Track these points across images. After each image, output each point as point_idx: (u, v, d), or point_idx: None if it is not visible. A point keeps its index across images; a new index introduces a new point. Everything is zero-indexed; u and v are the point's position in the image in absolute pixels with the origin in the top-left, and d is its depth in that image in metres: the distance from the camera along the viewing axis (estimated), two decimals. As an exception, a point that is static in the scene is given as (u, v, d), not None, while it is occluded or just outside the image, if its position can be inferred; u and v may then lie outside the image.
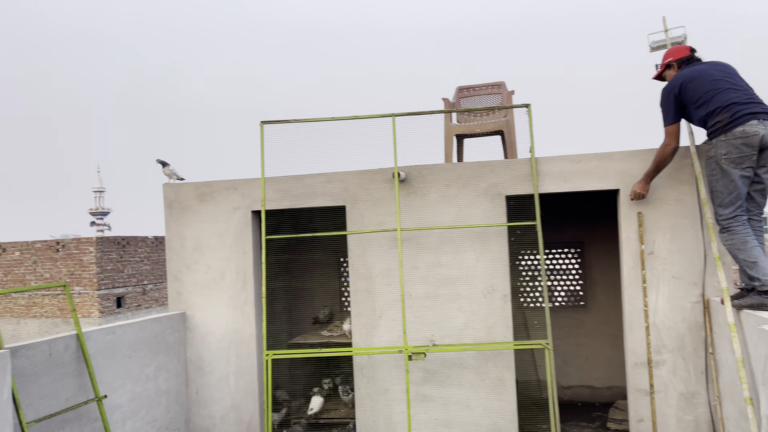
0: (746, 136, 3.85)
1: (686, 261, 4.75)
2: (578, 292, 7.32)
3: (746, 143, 3.85)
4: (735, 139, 3.88)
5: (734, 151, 3.89)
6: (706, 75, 4.17)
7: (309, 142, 5.28)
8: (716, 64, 4.30)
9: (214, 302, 5.60)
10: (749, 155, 3.87)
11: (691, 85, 4.19)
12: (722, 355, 4.34)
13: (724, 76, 4.14)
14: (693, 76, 4.22)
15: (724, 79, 4.11)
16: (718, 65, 4.27)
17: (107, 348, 4.68)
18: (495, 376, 5.08)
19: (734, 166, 3.91)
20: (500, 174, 5.13)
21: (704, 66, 4.29)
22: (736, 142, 3.88)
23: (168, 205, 5.74)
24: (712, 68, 4.22)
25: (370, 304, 5.30)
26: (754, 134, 3.84)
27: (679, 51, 4.52)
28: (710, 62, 4.35)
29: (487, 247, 5.12)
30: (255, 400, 5.48)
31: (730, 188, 3.95)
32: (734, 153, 3.89)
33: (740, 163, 3.89)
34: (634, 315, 4.83)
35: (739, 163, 3.90)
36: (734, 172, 3.91)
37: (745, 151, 3.87)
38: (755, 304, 3.81)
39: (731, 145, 3.90)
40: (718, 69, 4.21)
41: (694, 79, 4.20)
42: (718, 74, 4.15)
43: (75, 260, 19.68)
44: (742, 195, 3.95)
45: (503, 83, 6.54)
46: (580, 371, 7.17)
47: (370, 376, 5.29)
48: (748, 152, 3.86)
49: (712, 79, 4.13)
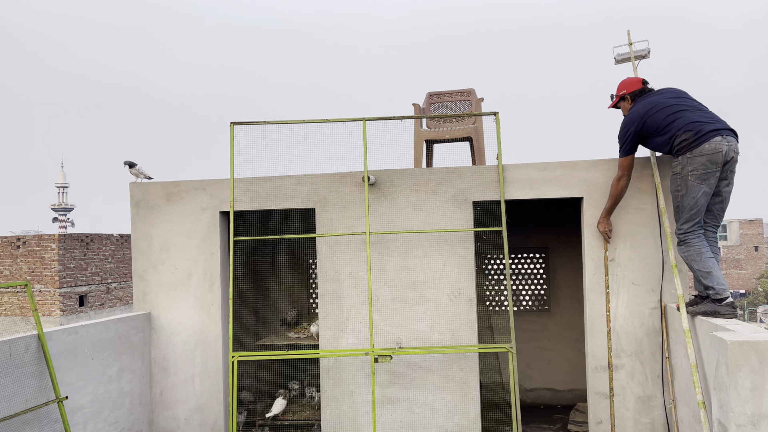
0: (711, 152, 4.02)
1: (645, 268, 4.90)
2: (543, 296, 7.47)
3: (711, 159, 4.02)
4: (701, 155, 4.04)
5: (700, 167, 4.05)
6: (661, 104, 4.37)
7: (279, 143, 5.28)
8: (667, 91, 4.51)
9: (181, 303, 5.55)
10: (714, 171, 4.04)
11: (650, 118, 4.37)
12: (678, 360, 4.50)
13: (678, 101, 4.34)
14: (649, 108, 4.40)
15: (680, 104, 4.30)
16: (670, 92, 4.48)
17: (69, 348, 4.61)
18: (459, 379, 5.16)
19: (700, 181, 4.07)
20: (468, 180, 5.21)
21: (657, 97, 4.47)
22: (702, 159, 4.04)
23: (135, 204, 5.68)
24: (666, 97, 4.43)
25: (338, 306, 5.33)
26: (718, 150, 4.01)
27: (632, 84, 4.70)
28: (662, 90, 4.56)
29: (454, 252, 5.20)
30: (220, 401, 5.46)
31: (692, 204, 4.11)
32: (700, 169, 4.05)
33: (706, 179, 4.05)
34: (595, 320, 4.96)
35: (705, 179, 4.06)
36: (699, 188, 4.07)
37: (710, 167, 4.03)
38: (709, 311, 3.96)
39: (697, 162, 4.06)
40: (671, 96, 4.42)
41: (651, 110, 4.38)
42: (673, 101, 4.35)
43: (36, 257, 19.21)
44: (702, 211, 4.13)
45: (473, 90, 6.64)
46: (543, 374, 7.31)
47: (337, 378, 5.31)
48: (713, 168, 4.04)
49: (668, 105, 4.34)
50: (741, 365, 3.05)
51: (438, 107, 6.65)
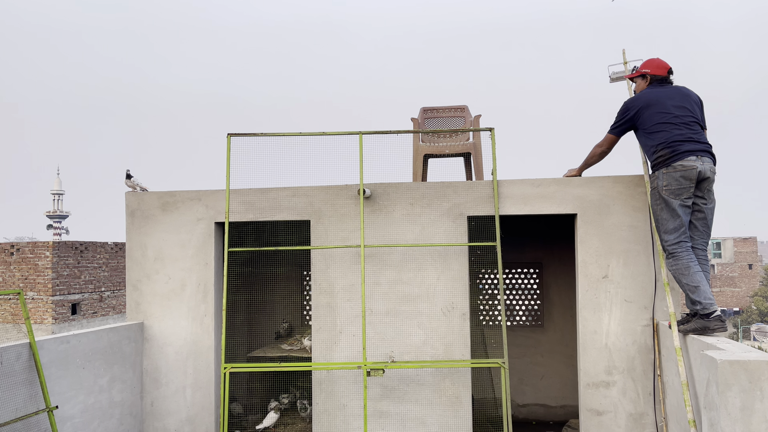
0: (684, 169, 4.15)
1: (638, 285, 4.92)
2: (536, 311, 7.48)
3: (684, 176, 4.15)
4: (675, 172, 4.18)
5: (674, 183, 4.18)
6: (661, 106, 4.37)
7: (276, 155, 5.30)
8: (676, 92, 4.47)
9: (174, 313, 5.54)
10: (687, 187, 4.17)
11: (647, 112, 4.43)
12: (669, 378, 4.50)
13: (677, 110, 4.34)
14: (651, 102, 4.43)
15: (676, 114, 4.32)
16: (678, 94, 4.44)
17: (61, 358, 4.59)
18: (452, 394, 5.15)
19: (674, 196, 4.19)
20: (463, 195, 5.24)
21: (665, 93, 4.46)
22: (676, 174, 4.17)
23: (130, 213, 5.68)
24: (670, 98, 4.41)
25: (331, 319, 5.33)
26: (691, 168, 4.14)
27: (658, 67, 4.65)
28: (672, 88, 4.53)
29: (448, 266, 5.21)
30: (211, 413, 5.43)
31: (673, 215, 4.21)
32: (674, 185, 4.18)
33: (680, 194, 4.18)
34: (587, 336, 4.97)
35: (678, 194, 4.18)
36: (674, 202, 4.19)
37: (683, 183, 4.16)
38: (698, 328, 3.98)
39: (671, 177, 4.19)
40: (676, 101, 4.40)
41: (651, 106, 4.42)
42: (673, 107, 4.35)
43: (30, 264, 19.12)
44: (684, 222, 4.21)
45: (466, 107, 6.71)
46: (535, 390, 7.30)
47: (329, 391, 5.30)
48: (686, 185, 4.16)
49: (665, 111, 4.35)
50: (731, 384, 3.07)
51: (432, 122, 6.71)
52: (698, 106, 4.46)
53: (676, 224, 4.19)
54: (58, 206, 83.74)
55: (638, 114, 4.49)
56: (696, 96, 4.49)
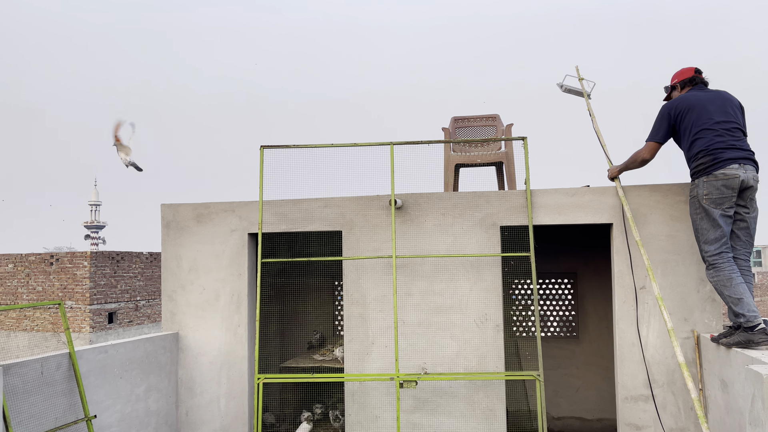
0: (726, 178, 4.01)
1: (677, 297, 4.80)
2: (571, 322, 7.35)
3: (726, 185, 4.02)
4: (716, 180, 4.05)
5: (715, 192, 4.05)
6: (704, 110, 4.24)
7: (307, 166, 5.34)
8: (717, 97, 4.34)
9: (208, 323, 5.60)
10: (729, 196, 4.03)
11: (689, 115, 4.29)
12: (711, 392, 4.37)
13: (718, 115, 4.21)
14: (693, 105, 4.30)
15: (717, 120, 4.19)
16: (719, 99, 4.31)
17: (99, 367, 4.68)
18: (486, 406, 5.09)
19: (715, 206, 4.05)
20: (495, 205, 5.19)
21: (706, 97, 4.34)
22: (717, 183, 4.04)
23: (165, 224, 5.78)
24: (712, 102, 4.28)
25: (364, 329, 5.32)
26: (734, 177, 4.00)
27: (683, 73, 4.61)
28: (713, 93, 4.40)
29: (481, 277, 5.16)
30: (245, 423, 5.46)
31: (714, 225, 4.07)
32: (715, 194, 4.05)
33: (721, 203, 4.04)
34: (625, 349, 4.86)
35: (719, 204, 4.05)
36: (715, 212, 4.05)
37: (725, 192, 4.03)
38: (742, 341, 3.85)
39: (712, 186, 4.06)
40: (717, 105, 4.27)
41: (693, 109, 4.29)
42: (716, 113, 4.22)
43: (68, 274, 19.60)
44: (725, 232, 4.07)
45: (498, 116, 6.66)
46: (570, 402, 7.16)
47: (361, 402, 5.28)
48: (728, 194, 4.02)
49: (708, 116, 4.21)
50: (778, 400, 2.96)
51: (463, 132, 6.68)
52: (740, 111, 4.33)
53: (716, 234, 4.06)
54: (95, 217, 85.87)
55: (679, 117, 4.35)
56: (737, 101, 4.36)
